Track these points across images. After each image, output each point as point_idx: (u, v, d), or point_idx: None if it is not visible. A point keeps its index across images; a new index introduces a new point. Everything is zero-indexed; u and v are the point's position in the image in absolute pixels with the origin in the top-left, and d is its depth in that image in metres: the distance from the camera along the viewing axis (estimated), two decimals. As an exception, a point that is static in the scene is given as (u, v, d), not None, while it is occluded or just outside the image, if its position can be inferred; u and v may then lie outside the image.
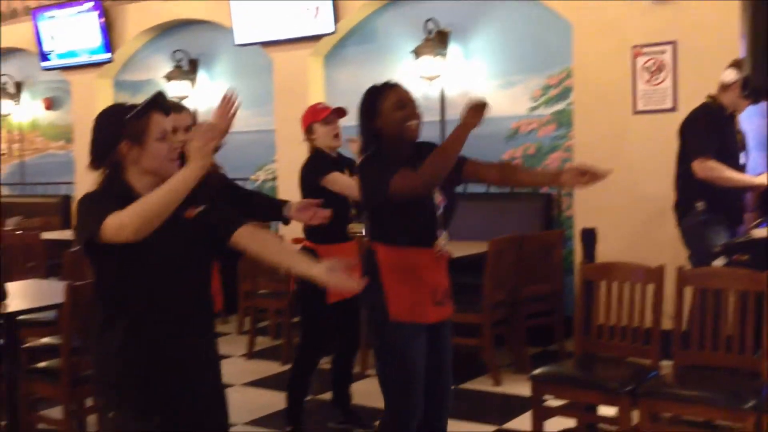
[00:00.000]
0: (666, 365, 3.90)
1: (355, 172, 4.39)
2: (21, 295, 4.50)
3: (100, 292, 2.55)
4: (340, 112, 4.37)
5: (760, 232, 4.66)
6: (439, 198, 3.20)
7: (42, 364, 4.22)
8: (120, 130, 2.47)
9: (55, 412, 4.39)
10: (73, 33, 9.47)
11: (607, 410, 3.94)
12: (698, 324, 3.78)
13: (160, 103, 2.52)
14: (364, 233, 4.53)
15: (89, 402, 4.29)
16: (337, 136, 4.41)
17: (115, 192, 2.47)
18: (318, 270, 2.46)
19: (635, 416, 3.65)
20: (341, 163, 4.42)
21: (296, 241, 4.48)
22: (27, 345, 4.64)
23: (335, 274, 2.44)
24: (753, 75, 4.44)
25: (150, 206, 2.30)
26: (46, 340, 4.92)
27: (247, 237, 2.59)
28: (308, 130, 4.39)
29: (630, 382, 3.65)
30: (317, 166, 4.33)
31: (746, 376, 3.63)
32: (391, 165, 3.11)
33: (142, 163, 2.49)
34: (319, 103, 4.54)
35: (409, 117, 3.21)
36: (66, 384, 3.87)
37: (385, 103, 3.20)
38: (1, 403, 4.27)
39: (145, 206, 2.31)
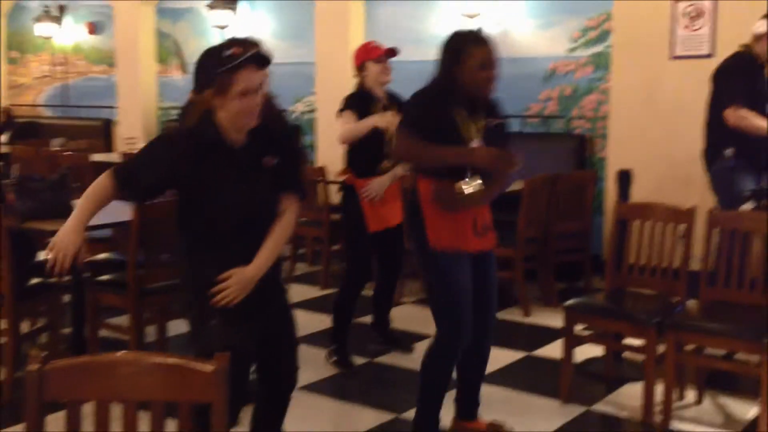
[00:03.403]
0: (692, 303, 4.13)
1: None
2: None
3: (188, 219, 2.81)
4: (392, 53, 4.55)
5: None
6: (476, 144, 3.34)
7: (106, 277, 4.51)
8: (210, 78, 2.66)
9: (119, 321, 4.69)
10: (115, -42, 9.58)
11: (632, 341, 4.19)
12: (725, 264, 4.00)
13: (256, 58, 2.66)
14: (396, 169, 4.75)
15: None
16: (386, 72, 4.59)
17: (203, 131, 2.72)
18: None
19: (660, 347, 3.89)
20: (390, 102, 4.57)
21: (342, 173, 4.70)
22: (89, 259, 4.90)
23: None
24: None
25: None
26: (103, 255, 5.20)
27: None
28: (360, 68, 4.57)
29: (658, 314, 3.88)
30: (346, 100, 4.57)
31: (768, 313, 3.85)
32: (426, 117, 3.34)
33: (222, 112, 2.69)
34: (371, 42, 4.70)
35: (489, 79, 3.32)
36: (133, 295, 4.17)
37: (469, 61, 3.28)
38: (68, 311, 4.58)
39: None
